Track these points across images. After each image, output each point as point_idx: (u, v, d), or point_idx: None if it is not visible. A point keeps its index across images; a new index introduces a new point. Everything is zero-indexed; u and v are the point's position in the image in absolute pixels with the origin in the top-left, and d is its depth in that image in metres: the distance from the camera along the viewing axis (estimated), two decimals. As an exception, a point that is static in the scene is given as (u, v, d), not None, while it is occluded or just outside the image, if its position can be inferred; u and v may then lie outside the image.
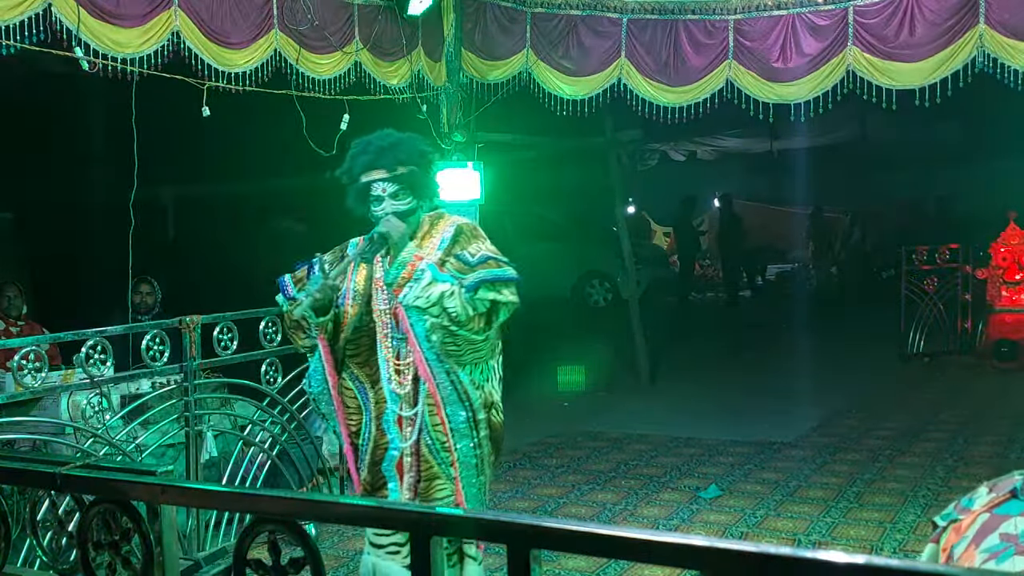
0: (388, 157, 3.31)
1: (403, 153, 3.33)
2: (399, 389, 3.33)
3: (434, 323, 3.17)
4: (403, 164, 3.33)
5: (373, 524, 2.75)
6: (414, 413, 3.31)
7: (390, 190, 3.31)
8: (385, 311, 3.36)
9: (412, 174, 3.33)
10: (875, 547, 4.85)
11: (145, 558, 1.87)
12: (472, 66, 7.06)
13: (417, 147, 3.40)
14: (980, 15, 5.89)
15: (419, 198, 3.37)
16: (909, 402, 8.34)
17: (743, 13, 6.55)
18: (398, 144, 3.35)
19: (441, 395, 3.28)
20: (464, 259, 3.27)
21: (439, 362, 3.24)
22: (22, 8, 4.39)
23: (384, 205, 3.31)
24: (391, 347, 3.34)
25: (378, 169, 3.31)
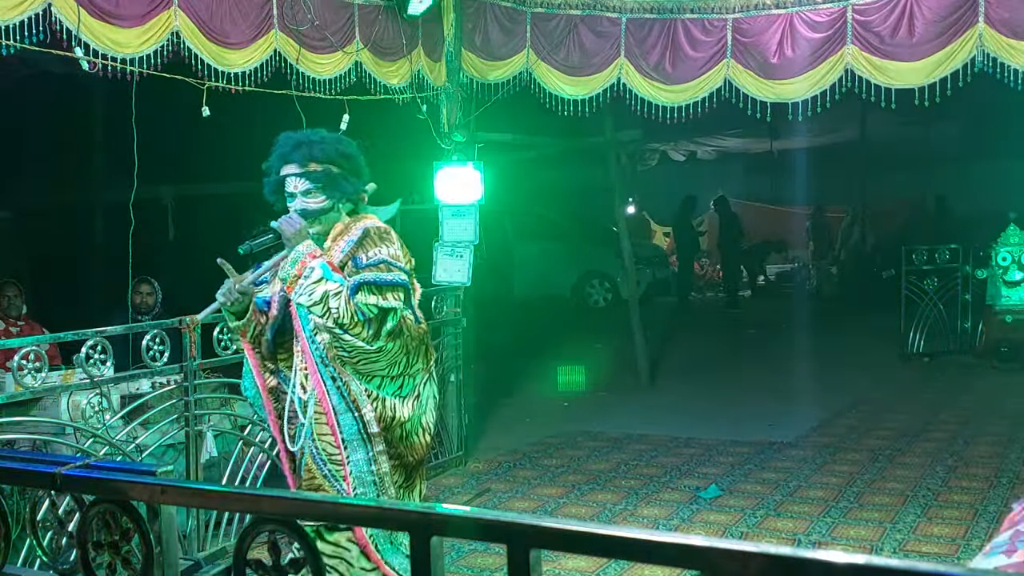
0: (302, 153, 3.27)
1: (319, 151, 3.28)
2: (301, 393, 3.25)
3: (317, 324, 3.13)
4: (318, 162, 3.27)
5: (373, 524, 2.75)
6: (304, 420, 3.25)
7: (301, 187, 3.27)
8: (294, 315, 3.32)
9: (327, 173, 3.27)
10: (875, 547, 4.86)
11: (145, 558, 1.87)
12: (472, 66, 7.06)
13: (339, 147, 3.34)
14: (980, 14, 5.89)
15: (333, 198, 3.30)
16: (909, 402, 8.34)
17: (741, 12, 6.55)
18: (317, 142, 3.30)
19: (331, 403, 3.18)
20: (356, 262, 3.20)
21: (324, 366, 3.17)
22: (22, 8, 4.39)
23: (295, 202, 3.28)
24: (298, 350, 3.29)
25: (291, 164, 3.28)
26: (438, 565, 1.51)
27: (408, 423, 3.24)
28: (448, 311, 6.63)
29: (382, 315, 3.14)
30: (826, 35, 6.32)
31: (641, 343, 9.27)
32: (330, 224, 3.32)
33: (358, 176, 3.38)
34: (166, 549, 1.88)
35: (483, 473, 6.48)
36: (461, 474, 6.48)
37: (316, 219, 3.27)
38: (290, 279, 3.17)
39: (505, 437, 7.38)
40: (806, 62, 6.37)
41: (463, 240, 6.71)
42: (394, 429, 3.21)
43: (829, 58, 6.31)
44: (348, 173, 3.32)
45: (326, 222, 3.31)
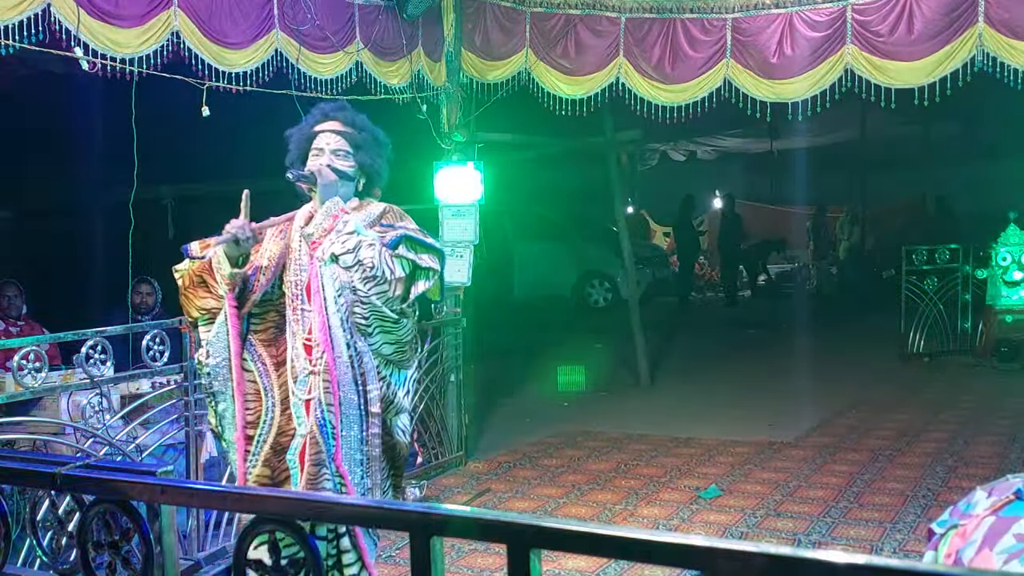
0: (347, 116, 3.23)
1: (362, 122, 3.25)
2: (308, 367, 3.07)
3: (343, 281, 3.00)
4: (360, 129, 3.22)
5: (373, 524, 2.74)
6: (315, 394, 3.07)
7: (334, 145, 3.16)
8: (297, 282, 3.14)
9: (365, 142, 3.20)
10: (875, 547, 4.85)
11: (145, 558, 1.87)
12: (472, 66, 7.06)
13: (377, 133, 3.29)
14: (979, 14, 5.89)
15: (358, 171, 3.20)
16: (909, 402, 8.34)
17: (741, 11, 6.55)
18: (362, 117, 3.27)
19: (338, 372, 3.03)
20: (387, 226, 3.14)
21: (342, 328, 3.02)
22: (21, 8, 4.39)
23: (323, 159, 3.15)
24: (301, 321, 3.10)
25: (332, 121, 3.21)
26: (438, 565, 1.51)
27: (400, 415, 3.19)
28: (448, 311, 6.63)
29: (413, 275, 3.08)
30: (826, 35, 6.32)
31: (641, 343, 9.28)
32: (347, 195, 3.20)
33: (383, 165, 3.31)
34: (166, 549, 1.88)
35: (483, 473, 6.48)
36: (461, 474, 6.48)
37: (334, 184, 3.15)
38: (318, 233, 3.05)
39: (505, 437, 7.38)
40: (806, 62, 6.37)
41: (463, 240, 6.71)
42: (390, 416, 3.14)
43: (829, 58, 6.31)
44: (379, 156, 3.26)
45: (342, 188, 3.17)
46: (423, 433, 6.42)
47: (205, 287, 3.12)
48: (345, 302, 3.01)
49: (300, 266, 3.11)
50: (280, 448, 3.05)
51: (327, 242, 3.02)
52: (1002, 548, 1.60)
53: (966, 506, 1.79)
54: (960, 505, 1.86)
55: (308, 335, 3.07)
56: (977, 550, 1.66)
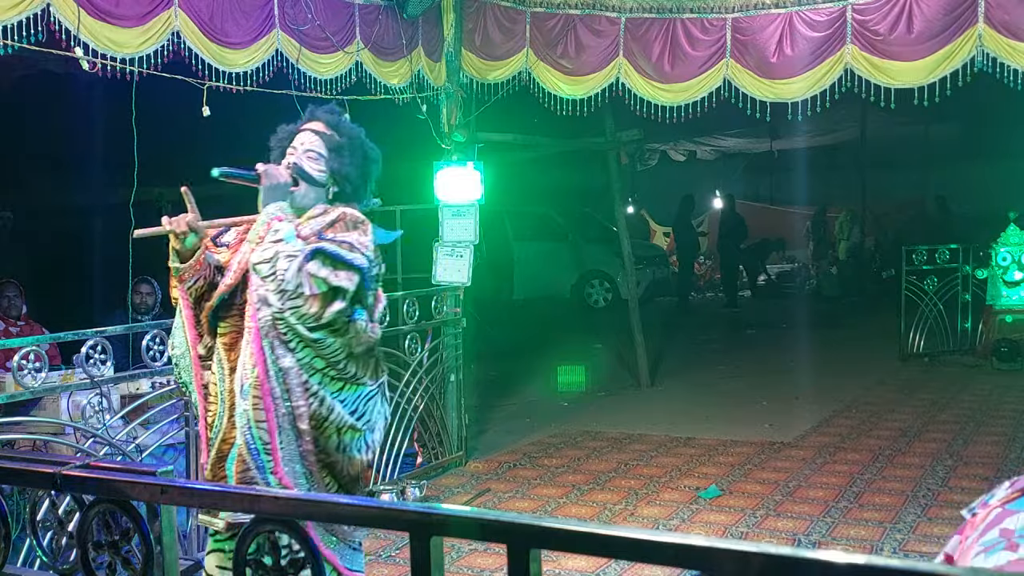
0: (331, 120, 3.01)
1: (347, 129, 3.02)
2: (244, 376, 2.89)
3: (260, 292, 2.80)
4: (343, 134, 2.99)
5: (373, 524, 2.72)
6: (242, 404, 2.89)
7: (308, 144, 2.95)
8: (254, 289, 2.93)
9: (342, 147, 2.96)
10: (875, 547, 4.86)
11: (145, 558, 1.87)
12: (472, 66, 7.06)
13: (364, 144, 3.05)
14: (979, 14, 5.89)
15: (328, 178, 2.96)
16: (909, 402, 8.34)
17: (741, 11, 6.55)
18: (351, 125, 3.07)
19: (270, 385, 2.83)
20: (321, 238, 2.83)
21: (266, 341, 2.82)
22: (21, 8, 4.39)
23: (293, 157, 2.95)
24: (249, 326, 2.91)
25: (316, 121, 3.01)
26: (438, 565, 1.51)
27: (348, 433, 2.91)
28: (448, 311, 6.63)
29: (331, 294, 2.76)
30: (826, 34, 6.32)
31: (641, 343, 9.28)
32: (308, 201, 2.95)
33: (363, 180, 3.04)
34: (166, 549, 1.88)
35: (483, 473, 6.48)
36: (461, 474, 6.48)
37: (302, 183, 2.94)
38: (254, 240, 2.85)
39: (505, 437, 7.38)
40: (806, 62, 6.37)
41: (463, 240, 6.71)
42: (328, 433, 2.88)
43: (829, 58, 6.31)
44: (357, 169, 3.00)
45: (307, 193, 2.95)
46: (423, 433, 6.43)
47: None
48: (266, 315, 2.80)
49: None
50: (221, 455, 2.91)
51: (258, 250, 2.81)
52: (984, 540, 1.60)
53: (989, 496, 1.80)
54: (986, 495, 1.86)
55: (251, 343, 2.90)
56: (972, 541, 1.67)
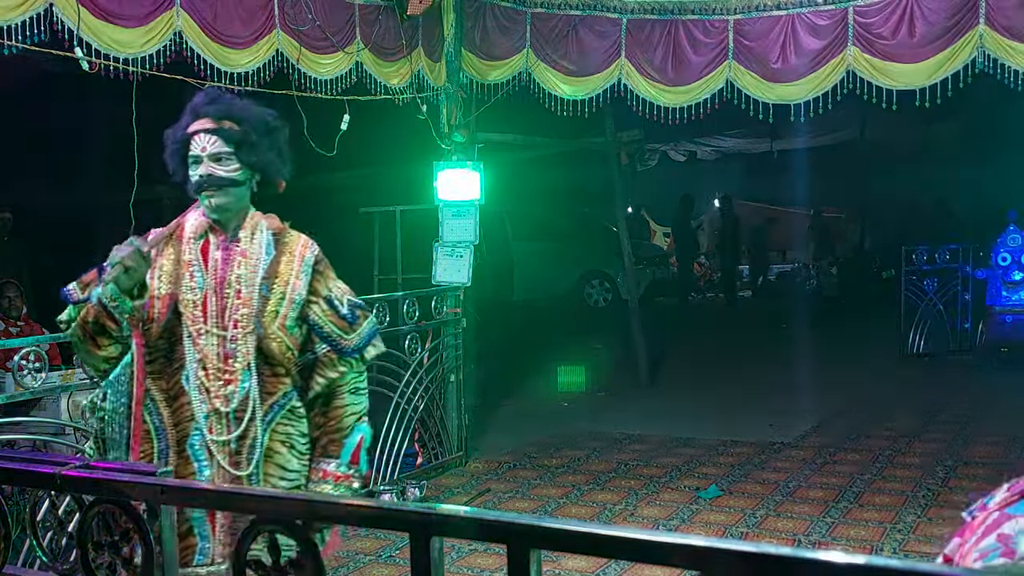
0: (218, 107, 2.69)
1: (239, 110, 2.71)
2: (218, 404, 2.63)
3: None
4: (236, 121, 2.67)
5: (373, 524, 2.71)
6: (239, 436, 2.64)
7: (212, 148, 2.63)
8: (195, 301, 2.65)
9: (245, 134, 2.65)
10: (875, 547, 4.85)
11: (145, 558, 1.87)
12: (472, 66, 7.06)
13: (262, 115, 2.75)
14: (980, 15, 5.89)
15: (248, 169, 2.68)
16: (909, 402, 8.34)
17: (743, 13, 6.56)
18: (239, 102, 2.76)
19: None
20: (337, 308, 2.76)
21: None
22: (23, 8, 4.39)
23: (202, 166, 2.64)
24: (203, 347, 2.64)
25: (203, 118, 2.68)
26: (438, 565, 1.51)
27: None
28: (448, 311, 6.63)
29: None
30: (828, 37, 6.32)
31: (641, 343, 9.28)
32: (237, 208, 2.71)
33: (280, 156, 2.77)
34: (166, 549, 1.88)
35: (483, 473, 6.48)
36: (461, 474, 6.48)
37: (222, 189, 2.65)
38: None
39: (505, 437, 7.38)
40: (808, 64, 6.37)
41: (463, 240, 6.71)
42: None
43: (831, 60, 6.31)
44: (269, 145, 2.71)
45: (232, 200, 2.68)
46: (423, 433, 6.42)
47: (105, 334, 2.62)
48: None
49: (196, 283, 2.66)
50: None
51: (334, 464, 2.77)
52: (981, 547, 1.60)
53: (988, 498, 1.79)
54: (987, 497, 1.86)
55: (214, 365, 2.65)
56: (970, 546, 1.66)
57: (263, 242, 2.72)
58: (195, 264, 2.68)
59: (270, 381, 2.69)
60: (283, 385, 2.71)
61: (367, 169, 10.82)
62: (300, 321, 2.73)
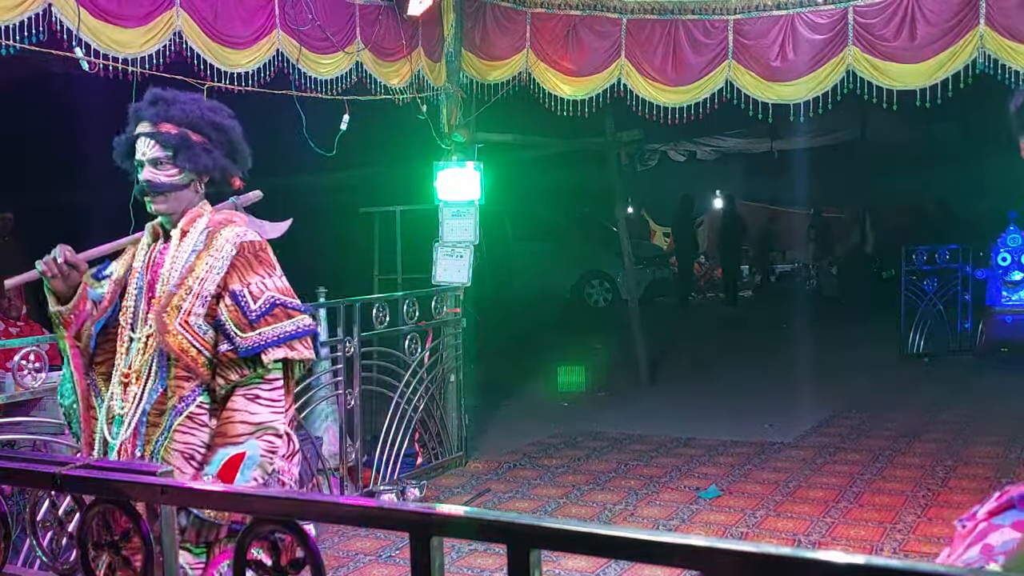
0: (156, 110, 2.63)
1: (178, 111, 2.63)
2: (115, 406, 2.63)
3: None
4: (174, 123, 2.62)
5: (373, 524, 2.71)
6: (142, 440, 2.60)
7: (150, 154, 2.61)
8: (129, 307, 2.68)
9: (183, 139, 2.60)
10: (875, 547, 4.85)
11: (145, 558, 1.87)
12: (472, 66, 7.06)
13: (206, 112, 2.68)
14: (981, 16, 5.89)
15: (188, 173, 2.64)
16: (909, 402, 8.34)
17: (742, 13, 6.55)
18: (180, 102, 2.67)
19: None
20: (242, 304, 2.57)
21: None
22: (22, 8, 4.39)
23: (144, 172, 2.63)
24: (126, 351, 2.66)
25: (143, 122, 2.65)
26: (438, 565, 1.51)
27: None
28: (448, 311, 6.63)
29: (288, 365, 2.61)
30: (828, 37, 6.32)
31: (641, 343, 9.28)
32: (182, 205, 2.68)
33: (228, 154, 2.71)
34: (166, 549, 1.88)
35: (483, 473, 6.48)
36: (461, 474, 6.48)
37: (163, 195, 2.64)
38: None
39: (505, 437, 7.38)
40: (808, 64, 6.37)
41: (463, 240, 6.71)
42: None
43: (831, 60, 6.31)
44: (213, 145, 2.67)
45: (176, 203, 2.66)
46: (423, 433, 6.42)
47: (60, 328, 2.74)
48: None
49: (135, 287, 2.68)
50: None
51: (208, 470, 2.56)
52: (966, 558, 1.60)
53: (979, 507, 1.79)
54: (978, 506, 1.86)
55: (126, 367, 2.64)
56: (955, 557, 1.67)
57: (193, 241, 2.66)
58: (140, 270, 2.70)
59: (174, 384, 2.58)
60: (184, 389, 2.58)
61: (367, 169, 10.83)
62: (208, 319, 2.59)
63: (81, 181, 10.15)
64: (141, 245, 2.75)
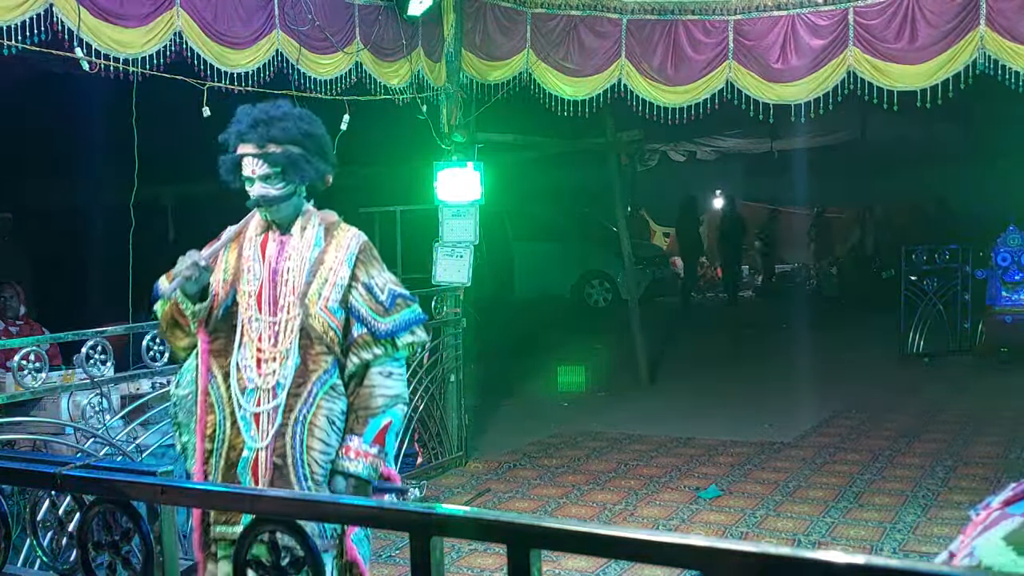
0: (259, 133, 2.94)
1: (279, 130, 2.94)
2: (261, 381, 2.93)
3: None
4: (277, 143, 2.93)
5: (372, 524, 2.72)
6: (283, 409, 2.92)
7: (260, 171, 2.93)
8: (251, 292, 2.99)
9: (287, 156, 2.93)
10: (875, 547, 4.85)
11: (145, 558, 1.87)
12: (472, 66, 7.06)
13: (302, 125, 2.99)
14: (981, 17, 5.89)
15: (294, 183, 2.97)
16: (909, 402, 8.34)
17: (743, 13, 6.55)
18: (278, 119, 2.96)
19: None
20: (375, 294, 3.00)
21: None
22: (23, 8, 4.39)
23: (254, 188, 2.95)
24: (254, 331, 2.97)
25: (247, 143, 2.95)
26: (438, 565, 1.51)
27: None
28: (448, 311, 6.63)
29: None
30: (828, 37, 6.32)
31: (641, 343, 9.27)
32: (291, 211, 3.01)
33: (323, 157, 3.04)
34: (166, 549, 1.88)
35: (483, 473, 6.48)
36: (461, 474, 6.47)
37: (275, 205, 2.97)
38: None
39: (505, 437, 7.38)
40: (808, 65, 6.37)
41: (463, 240, 6.71)
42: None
43: (832, 61, 6.30)
44: (311, 154, 2.99)
45: (285, 209, 3.00)
46: (423, 433, 6.42)
47: (180, 328, 3.03)
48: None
49: (253, 275, 2.99)
50: (231, 462, 2.93)
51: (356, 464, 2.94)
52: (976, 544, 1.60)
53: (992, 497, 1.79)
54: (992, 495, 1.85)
55: (260, 349, 2.95)
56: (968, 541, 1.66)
57: (313, 236, 3.02)
58: (254, 259, 3.01)
59: (313, 360, 2.93)
60: (326, 364, 2.94)
61: (367, 169, 10.82)
62: (342, 304, 2.96)
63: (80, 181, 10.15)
64: (248, 237, 3.04)
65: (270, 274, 2.99)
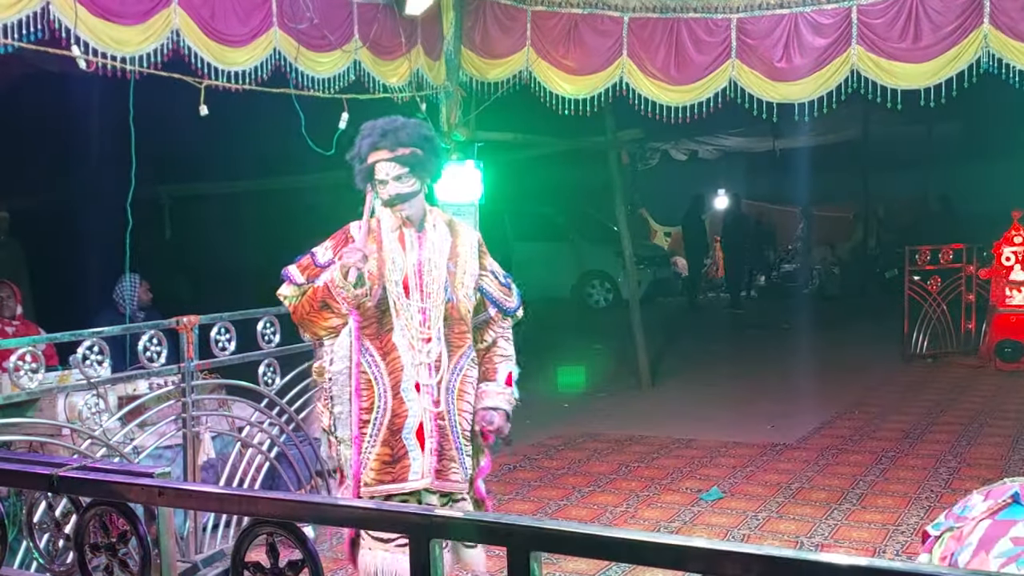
0: (390, 140, 3.42)
1: (405, 135, 3.43)
2: (421, 356, 3.43)
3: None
4: (405, 146, 3.42)
5: (372, 526, 2.72)
6: (438, 380, 3.45)
7: (394, 173, 3.41)
8: (397, 280, 3.46)
9: (415, 157, 3.42)
10: (878, 549, 4.83)
11: (142, 560, 1.85)
12: (472, 65, 7.04)
13: (420, 130, 3.50)
14: (985, 16, 5.88)
15: (422, 179, 3.48)
16: (912, 403, 8.32)
17: (745, 11, 6.53)
18: (402, 127, 3.46)
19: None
20: (499, 279, 3.66)
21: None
22: (20, 6, 4.37)
23: (388, 187, 3.42)
24: (407, 315, 3.45)
25: (381, 150, 3.43)
26: (438, 568, 1.50)
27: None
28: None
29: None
30: (832, 36, 6.30)
31: (642, 344, 9.25)
32: (420, 206, 3.51)
33: (439, 157, 3.61)
34: (163, 551, 1.86)
35: (484, 474, 6.45)
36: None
37: (407, 201, 3.44)
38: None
39: (505, 438, 7.35)
40: (812, 63, 6.35)
41: (463, 240, 6.69)
42: None
43: (835, 59, 6.29)
44: (431, 154, 3.50)
45: (416, 204, 3.49)
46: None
47: (328, 309, 3.41)
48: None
49: (397, 266, 3.46)
50: (396, 428, 3.39)
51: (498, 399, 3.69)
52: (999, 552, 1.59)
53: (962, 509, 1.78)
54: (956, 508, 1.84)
55: (420, 326, 3.45)
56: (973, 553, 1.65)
57: (443, 231, 3.56)
58: (395, 251, 3.49)
59: (457, 337, 3.51)
60: (467, 339, 3.55)
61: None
62: (475, 290, 3.58)
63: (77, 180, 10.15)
64: (384, 232, 3.50)
65: (416, 264, 3.48)
